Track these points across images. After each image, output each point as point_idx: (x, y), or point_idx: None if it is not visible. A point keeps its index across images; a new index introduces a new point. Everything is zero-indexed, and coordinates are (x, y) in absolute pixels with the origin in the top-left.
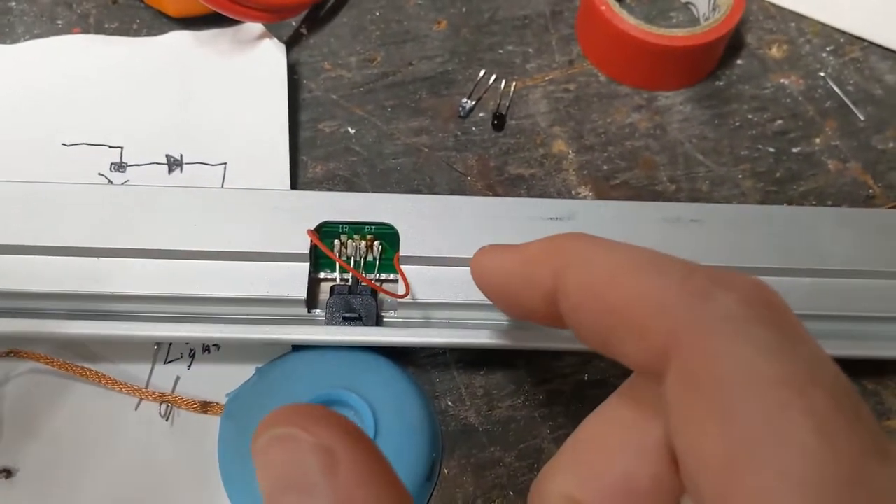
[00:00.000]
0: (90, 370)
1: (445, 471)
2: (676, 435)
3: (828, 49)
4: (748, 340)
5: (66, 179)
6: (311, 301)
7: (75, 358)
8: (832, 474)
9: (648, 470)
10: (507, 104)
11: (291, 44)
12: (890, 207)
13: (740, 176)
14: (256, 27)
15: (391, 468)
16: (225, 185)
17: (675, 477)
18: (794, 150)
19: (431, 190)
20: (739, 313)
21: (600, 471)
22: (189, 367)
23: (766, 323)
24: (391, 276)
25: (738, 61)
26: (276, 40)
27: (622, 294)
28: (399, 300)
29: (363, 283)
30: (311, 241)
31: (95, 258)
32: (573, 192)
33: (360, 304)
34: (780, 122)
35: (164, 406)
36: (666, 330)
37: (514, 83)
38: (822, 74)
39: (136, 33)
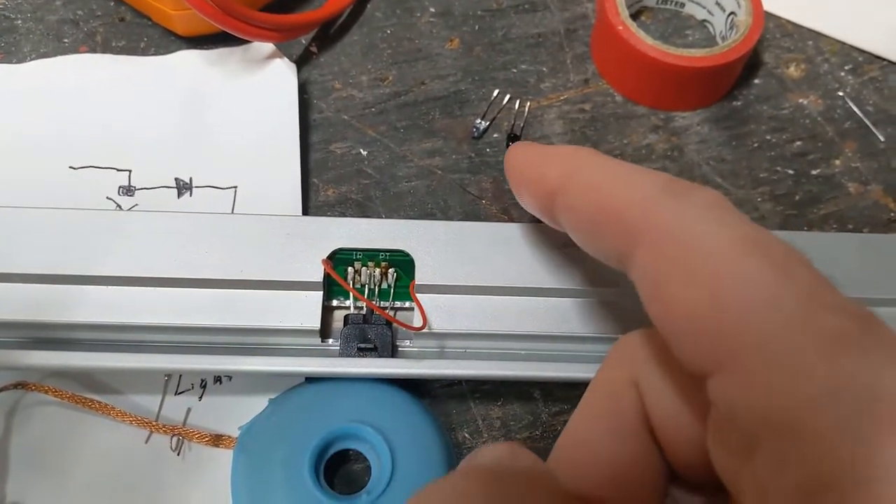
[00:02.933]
0: (99, 402)
1: None
2: (650, 300)
3: (846, 68)
4: (712, 217)
5: (75, 204)
6: (325, 331)
7: (83, 389)
8: (792, 294)
9: (629, 449)
10: (522, 125)
11: (301, 62)
12: None
13: (759, 199)
14: (266, 46)
15: None
16: (235, 209)
17: (657, 453)
18: (814, 172)
19: (445, 214)
20: (708, 203)
21: (583, 464)
22: (200, 398)
23: (729, 211)
24: (406, 304)
25: (756, 80)
26: (286, 59)
27: (611, 192)
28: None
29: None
30: (326, 270)
31: (103, 287)
32: None
33: (375, 334)
34: (798, 143)
35: (174, 439)
36: (643, 212)
37: (528, 103)
38: (840, 94)
39: (144, 52)
